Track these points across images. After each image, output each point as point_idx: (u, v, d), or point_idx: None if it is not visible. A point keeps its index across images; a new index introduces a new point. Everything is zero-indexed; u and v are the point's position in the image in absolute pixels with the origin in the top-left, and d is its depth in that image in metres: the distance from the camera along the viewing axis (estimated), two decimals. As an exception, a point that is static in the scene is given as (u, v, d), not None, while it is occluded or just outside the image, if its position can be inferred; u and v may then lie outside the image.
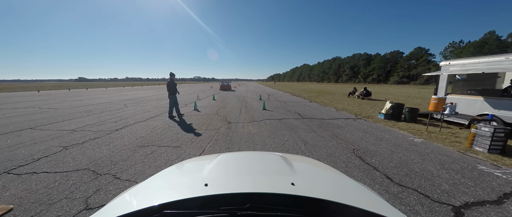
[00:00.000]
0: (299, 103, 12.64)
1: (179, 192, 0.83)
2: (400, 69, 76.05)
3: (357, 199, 0.82)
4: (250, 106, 10.99)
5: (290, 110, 9.42)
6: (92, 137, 4.90)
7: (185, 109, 9.73)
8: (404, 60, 75.45)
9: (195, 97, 16.09)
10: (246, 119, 7.38)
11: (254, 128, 6.01)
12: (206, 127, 6.30)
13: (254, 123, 6.68)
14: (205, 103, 12.06)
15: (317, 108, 10.15)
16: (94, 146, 4.24)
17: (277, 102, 13.15)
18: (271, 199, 0.76)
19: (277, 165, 1.12)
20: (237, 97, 16.87)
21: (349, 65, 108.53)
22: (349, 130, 5.87)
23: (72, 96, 18.26)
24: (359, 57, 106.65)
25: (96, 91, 27.94)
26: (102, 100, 13.88)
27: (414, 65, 71.63)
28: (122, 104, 11.83)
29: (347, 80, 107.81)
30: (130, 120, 7.16)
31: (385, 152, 4.02)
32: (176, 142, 4.62)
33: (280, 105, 11.51)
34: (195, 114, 8.41)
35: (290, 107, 10.43)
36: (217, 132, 5.60)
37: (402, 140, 4.82)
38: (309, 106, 11.14)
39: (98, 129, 5.67)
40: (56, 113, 8.59)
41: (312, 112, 9.01)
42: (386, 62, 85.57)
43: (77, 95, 19.72)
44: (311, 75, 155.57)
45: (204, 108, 10.01)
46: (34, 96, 17.75)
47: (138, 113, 8.68)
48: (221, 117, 7.86)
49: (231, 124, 6.52)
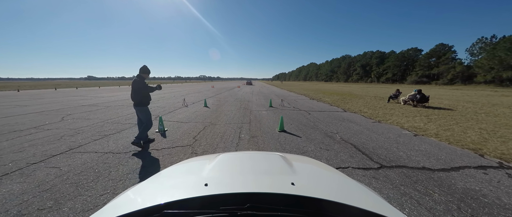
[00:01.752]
0: (329, 114, 8.41)
1: (179, 192, 0.81)
2: (419, 67, 69.70)
3: (357, 199, 0.81)
4: (257, 121, 6.88)
5: (329, 134, 5.24)
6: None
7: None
8: (424, 57, 69.03)
9: (182, 101, 12.09)
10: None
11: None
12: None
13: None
14: (189, 113, 8.03)
15: (370, 128, 5.92)
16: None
17: (296, 111, 8.96)
18: (271, 199, 0.75)
19: (277, 165, 1.11)
20: (239, 101, 12.77)
21: (360, 64, 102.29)
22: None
23: (37, 97, 14.62)
24: (371, 55, 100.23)
25: (79, 91, 24.48)
26: (52, 107, 10.06)
27: (435, 63, 65.22)
28: (66, 113, 7.96)
29: (358, 80, 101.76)
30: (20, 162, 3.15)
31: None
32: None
33: (304, 118, 7.33)
34: (151, 147, 4.31)
35: (324, 125, 6.24)
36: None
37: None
38: (350, 121, 6.91)
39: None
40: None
41: (372, 139, 4.79)
42: (402, 60, 79.21)
43: (48, 95, 16.09)
44: (319, 74, 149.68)
45: (179, 127, 5.95)
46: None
47: (64, 136, 4.68)
48: (198, 154, 3.77)
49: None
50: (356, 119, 7.13)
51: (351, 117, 7.60)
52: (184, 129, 5.67)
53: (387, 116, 7.72)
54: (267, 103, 11.77)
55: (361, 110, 9.19)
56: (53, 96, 15.96)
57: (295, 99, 14.65)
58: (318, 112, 8.56)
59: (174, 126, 5.98)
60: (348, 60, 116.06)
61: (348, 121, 6.76)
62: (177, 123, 6.29)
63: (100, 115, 7.64)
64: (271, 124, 6.30)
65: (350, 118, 7.30)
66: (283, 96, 16.55)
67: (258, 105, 10.75)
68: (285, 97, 15.73)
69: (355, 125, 6.19)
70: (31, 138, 4.67)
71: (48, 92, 21.29)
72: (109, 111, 8.61)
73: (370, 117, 7.63)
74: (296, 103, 11.82)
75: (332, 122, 6.67)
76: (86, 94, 18.18)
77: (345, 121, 6.77)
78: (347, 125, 6.17)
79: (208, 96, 16.18)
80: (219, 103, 11.84)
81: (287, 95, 17.89)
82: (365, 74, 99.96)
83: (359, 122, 6.65)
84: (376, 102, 12.71)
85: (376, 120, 7.08)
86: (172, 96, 16.39)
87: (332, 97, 16.06)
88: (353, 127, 5.92)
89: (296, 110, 9.29)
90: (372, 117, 7.61)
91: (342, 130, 5.56)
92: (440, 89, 35.01)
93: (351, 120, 7.02)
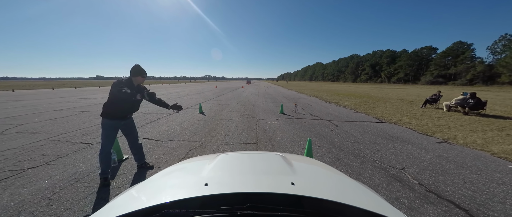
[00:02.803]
0: (363, 126, 6.27)
1: (179, 192, 0.80)
2: (434, 67, 65.62)
3: (357, 198, 0.80)
4: (267, 139, 4.83)
5: (392, 172, 3.13)
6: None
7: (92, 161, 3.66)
8: (439, 56, 64.87)
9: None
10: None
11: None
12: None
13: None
14: (176, 124, 6.06)
15: (444, 155, 3.77)
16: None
17: (317, 122, 6.86)
18: (271, 199, 0.75)
19: (278, 165, 1.08)
20: (243, 105, 10.76)
21: (370, 63, 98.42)
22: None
23: (19, 98, 13.03)
24: (381, 54, 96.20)
25: (74, 91, 23.12)
26: (14, 112, 8.33)
27: (453, 62, 61.10)
28: (20, 121, 6.14)
29: (367, 80, 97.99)
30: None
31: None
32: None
33: (334, 135, 5.23)
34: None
35: (370, 150, 4.14)
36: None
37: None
38: (403, 140, 4.77)
39: None
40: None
41: (473, 183, 2.67)
42: (415, 60, 75.14)
43: (31, 97, 14.51)
44: (325, 74, 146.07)
45: (149, 150, 3.97)
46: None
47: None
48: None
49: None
50: (408, 137, 4.97)
51: (398, 132, 5.45)
52: (156, 154, 3.70)
53: (445, 130, 5.54)
54: (276, 108, 9.70)
55: (401, 120, 7.01)
56: (35, 98, 14.41)
57: (308, 102, 12.51)
58: (347, 124, 6.43)
59: (144, 148, 4.02)
60: (356, 59, 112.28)
61: (400, 141, 4.63)
62: (151, 143, 4.33)
63: (58, 126, 5.79)
64: (288, 145, 4.25)
65: (398, 134, 5.15)
66: (294, 99, 14.43)
67: (266, 111, 8.70)
68: (296, 100, 13.61)
69: (415, 149, 4.06)
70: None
71: (39, 93, 19.93)
72: (76, 119, 6.77)
73: (422, 131, 5.47)
74: (312, 109, 9.69)
75: (377, 141, 4.55)
76: (76, 95, 16.62)
77: (395, 141, 4.64)
78: (404, 150, 4.05)
79: (208, 98, 14.27)
80: (218, 107, 9.87)
81: (297, 97, 15.75)
82: (374, 74, 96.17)
83: (415, 142, 4.52)
84: (407, 106, 10.43)
85: (438, 137, 4.91)
86: (168, 98, 14.57)
87: (349, 99, 13.82)
88: (416, 154, 3.80)
89: (316, 119, 7.18)
90: (425, 131, 5.44)
91: (406, 162, 3.45)
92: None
93: (403, 138, 4.87)
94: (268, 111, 8.73)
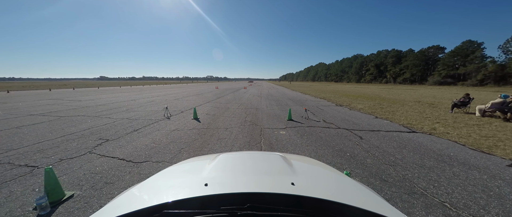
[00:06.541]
0: (396, 138, 5.04)
1: (179, 191, 0.80)
2: (442, 67, 63.44)
3: (357, 199, 0.79)
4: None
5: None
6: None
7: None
8: (448, 56, 62.68)
9: (163, 111, 9.02)
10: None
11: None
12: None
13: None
14: (163, 134, 4.92)
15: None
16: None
17: (334, 131, 5.65)
18: (271, 199, 0.74)
19: (277, 165, 1.07)
20: (244, 108, 9.59)
21: (374, 63, 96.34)
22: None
23: (6, 100, 12.11)
24: (386, 54, 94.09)
25: (71, 92, 22.25)
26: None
27: (462, 62, 58.91)
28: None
29: (371, 80, 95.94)
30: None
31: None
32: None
33: (364, 153, 4.03)
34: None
35: (424, 180, 2.93)
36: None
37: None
38: (462, 163, 3.56)
39: None
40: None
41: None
42: (421, 60, 72.98)
43: (16, 99, 13.57)
44: (328, 74, 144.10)
45: (111, 179, 2.82)
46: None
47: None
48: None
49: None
50: (462, 156, 3.75)
51: (444, 147, 4.21)
52: (116, 188, 2.55)
53: (499, 144, 4.31)
54: (282, 112, 8.52)
55: (435, 129, 5.77)
56: (23, 100, 13.47)
57: (316, 105, 11.29)
58: (373, 134, 5.20)
59: (107, 174, 2.88)
60: (360, 59, 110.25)
61: (457, 163, 3.40)
62: (118, 166, 3.20)
63: (16, 137, 4.70)
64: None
65: (446, 152, 3.92)
66: (301, 101, 13.21)
67: (271, 117, 7.52)
68: (303, 102, 12.40)
69: (487, 178, 2.85)
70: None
71: (32, 94, 19.07)
72: (45, 128, 5.69)
73: (472, 146, 4.23)
74: (324, 113, 8.48)
75: (427, 164, 3.34)
76: (68, 97, 15.65)
77: (450, 163, 3.41)
78: (471, 179, 2.83)
79: (207, 100, 13.14)
80: (216, 111, 8.73)
81: (303, 99, 14.53)
82: (379, 74, 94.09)
83: (477, 165, 3.30)
84: (431, 110, 9.16)
85: (501, 156, 3.67)
86: (163, 100, 13.51)
87: (362, 102, 12.55)
88: (491, 185, 2.59)
89: (332, 127, 5.97)
90: (478, 146, 4.20)
91: (489, 202, 2.24)
92: (478, 91, 30.12)
93: (457, 158, 3.65)
94: (274, 117, 7.54)
